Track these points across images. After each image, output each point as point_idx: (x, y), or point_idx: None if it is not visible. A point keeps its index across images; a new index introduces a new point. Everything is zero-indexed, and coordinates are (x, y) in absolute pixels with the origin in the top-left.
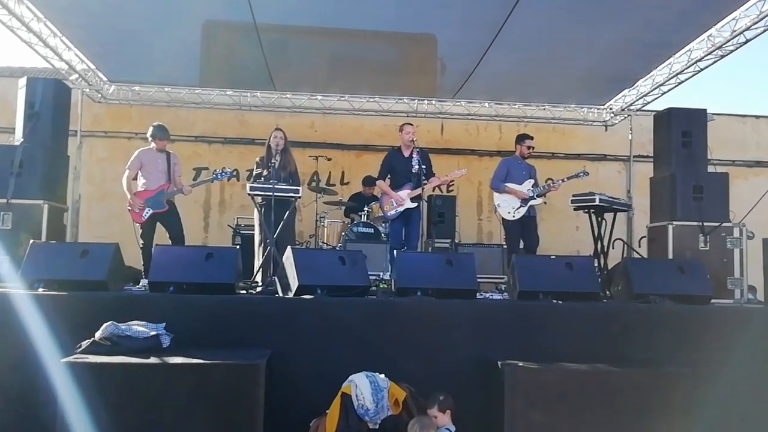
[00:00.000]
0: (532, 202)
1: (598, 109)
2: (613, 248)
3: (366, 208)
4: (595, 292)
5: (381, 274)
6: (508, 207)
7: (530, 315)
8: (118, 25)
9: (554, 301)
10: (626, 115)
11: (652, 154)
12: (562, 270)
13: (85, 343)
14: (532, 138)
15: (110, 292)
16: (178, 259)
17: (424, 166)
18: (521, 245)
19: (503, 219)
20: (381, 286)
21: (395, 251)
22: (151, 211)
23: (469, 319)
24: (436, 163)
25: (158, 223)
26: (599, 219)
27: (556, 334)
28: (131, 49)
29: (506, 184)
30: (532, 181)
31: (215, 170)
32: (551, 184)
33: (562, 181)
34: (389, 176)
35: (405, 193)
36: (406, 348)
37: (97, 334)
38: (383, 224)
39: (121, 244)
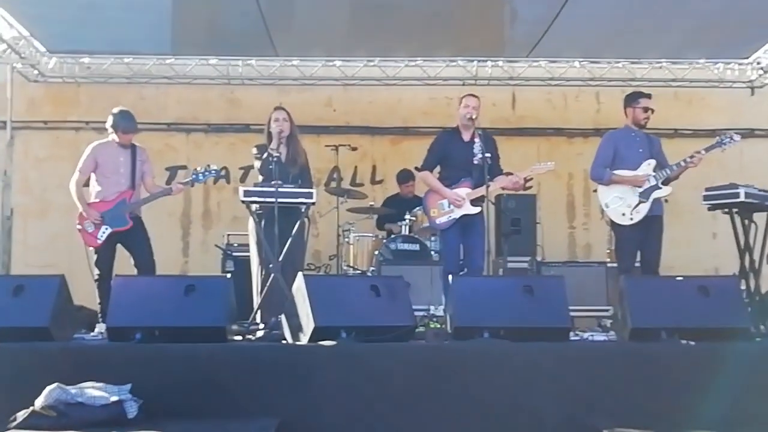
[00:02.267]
0: (656, 194)
1: (740, 64)
2: None
3: (408, 216)
4: (744, 327)
5: (431, 308)
6: (622, 206)
7: (648, 362)
8: None
9: (683, 341)
10: None
11: None
12: (695, 297)
13: (21, 414)
14: (649, 96)
15: (55, 342)
16: (146, 295)
17: (488, 155)
18: (638, 261)
19: (614, 224)
20: (431, 325)
21: (450, 276)
22: (109, 230)
23: (558, 370)
24: (505, 150)
25: (119, 245)
26: (746, 222)
27: (686, 389)
28: (77, 6)
29: (615, 171)
30: (654, 162)
31: (196, 169)
32: (686, 161)
33: (701, 153)
34: (439, 168)
35: (463, 192)
36: (468, 412)
37: (38, 402)
38: (432, 238)
39: (69, 276)
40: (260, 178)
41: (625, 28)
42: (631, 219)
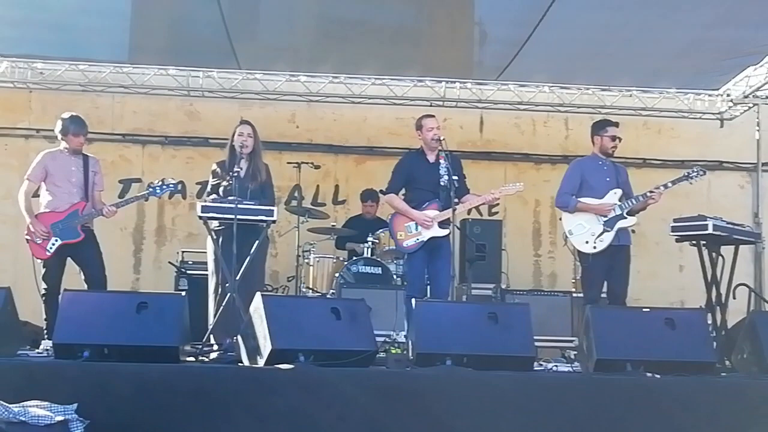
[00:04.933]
0: (621, 223)
1: (710, 95)
2: (734, 298)
3: (370, 237)
4: (709, 362)
5: (393, 333)
6: (585, 234)
7: (612, 394)
8: None
9: (648, 374)
10: (751, 105)
11: None
12: (661, 329)
13: None
14: (617, 125)
15: None
16: (96, 312)
17: (455, 177)
18: (604, 292)
19: (579, 252)
20: (393, 350)
21: (414, 300)
22: (59, 242)
23: (522, 401)
24: (472, 173)
25: (69, 258)
26: (714, 255)
27: (650, 422)
28: (32, 8)
29: (580, 198)
30: (620, 191)
31: (151, 183)
32: (649, 194)
33: (665, 186)
34: (404, 190)
35: (431, 215)
36: None
37: None
38: (395, 261)
39: (14, 289)
40: (210, 197)
41: (596, 54)
42: (594, 248)
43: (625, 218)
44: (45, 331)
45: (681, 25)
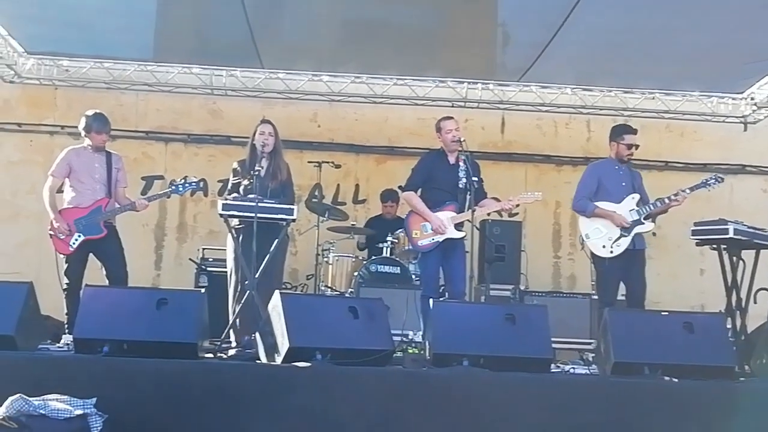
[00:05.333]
0: (638, 229)
1: (733, 98)
2: (755, 302)
3: (389, 238)
4: (728, 366)
5: (410, 333)
6: (602, 238)
7: (630, 398)
8: None
9: (666, 378)
10: None
11: None
12: (679, 333)
13: None
14: (635, 132)
15: (19, 352)
16: (116, 307)
17: (475, 179)
18: (622, 295)
19: (594, 256)
20: (410, 350)
21: (431, 300)
22: (82, 238)
23: (539, 402)
24: (493, 175)
25: (91, 254)
26: (735, 259)
27: (667, 426)
28: (58, 7)
29: (597, 203)
30: (637, 196)
31: (174, 180)
32: (670, 199)
33: (685, 192)
34: (422, 189)
35: (447, 216)
36: None
37: None
38: (413, 260)
39: (37, 284)
40: (231, 195)
41: (618, 56)
42: (611, 252)
43: (643, 223)
44: (66, 326)
45: (704, 28)
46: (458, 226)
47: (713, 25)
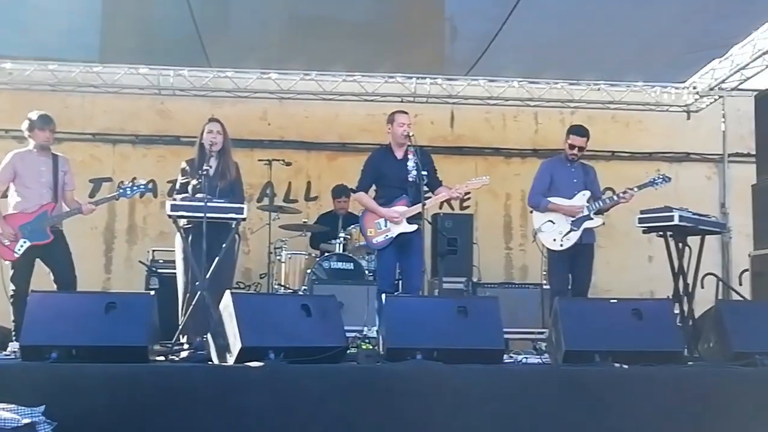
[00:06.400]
0: (587, 224)
1: (676, 88)
2: (702, 287)
3: (342, 234)
4: (677, 351)
5: (364, 329)
6: (553, 232)
7: (581, 385)
8: None
9: (616, 364)
10: (717, 97)
11: (755, 152)
12: (629, 319)
13: None
14: (581, 133)
15: None
16: (64, 312)
17: (425, 172)
18: (570, 285)
19: (547, 249)
20: (364, 346)
21: (384, 295)
22: (27, 244)
23: (492, 393)
24: (443, 168)
25: (38, 259)
26: (681, 245)
27: (619, 412)
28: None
29: (550, 198)
30: (588, 193)
31: (122, 182)
32: (618, 196)
33: (633, 190)
34: (374, 186)
35: (399, 210)
36: None
37: None
38: (366, 257)
39: None
40: (179, 195)
41: (564, 48)
42: (561, 245)
43: (592, 219)
44: (13, 333)
45: (648, 17)
46: (411, 220)
47: (655, 16)
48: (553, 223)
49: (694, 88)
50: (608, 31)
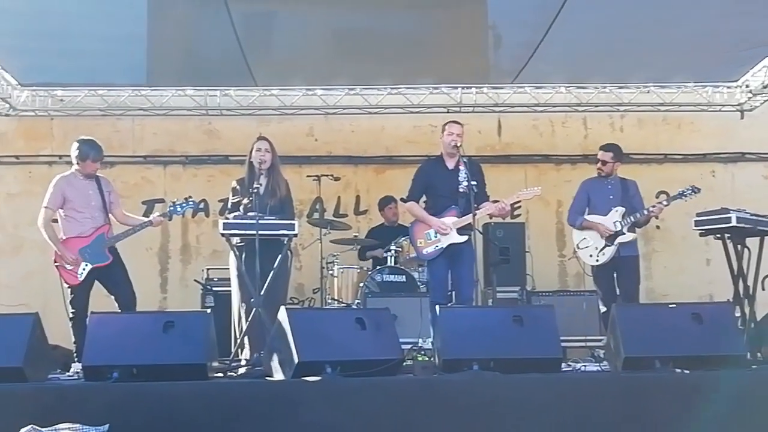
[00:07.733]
0: (620, 239)
1: (729, 87)
2: (763, 289)
3: (393, 246)
4: (740, 355)
5: (419, 340)
6: (590, 248)
7: (642, 392)
8: (29, 3)
9: (677, 370)
10: None
11: None
12: (688, 324)
13: None
14: (607, 149)
15: (29, 383)
16: (124, 333)
17: (474, 182)
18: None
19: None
20: (419, 358)
21: (438, 307)
22: (89, 267)
23: (550, 403)
24: (492, 177)
25: (96, 281)
26: (739, 247)
27: (681, 417)
28: (50, 37)
29: (586, 216)
30: (622, 209)
31: (173, 201)
32: (649, 210)
33: (663, 204)
34: (425, 197)
35: (448, 222)
36: None
37: None
38: (419, 268)
39: (44, 313)
40: (231, 214)
41: (611, 51)
42: (597, 261)
43: (624, 234)
44: (75, 354)
45: (695, 17)
46: (462, 231)
47: (704, 14)
48: (589, 240)
49: (747, 86)
50: (655, 32)
